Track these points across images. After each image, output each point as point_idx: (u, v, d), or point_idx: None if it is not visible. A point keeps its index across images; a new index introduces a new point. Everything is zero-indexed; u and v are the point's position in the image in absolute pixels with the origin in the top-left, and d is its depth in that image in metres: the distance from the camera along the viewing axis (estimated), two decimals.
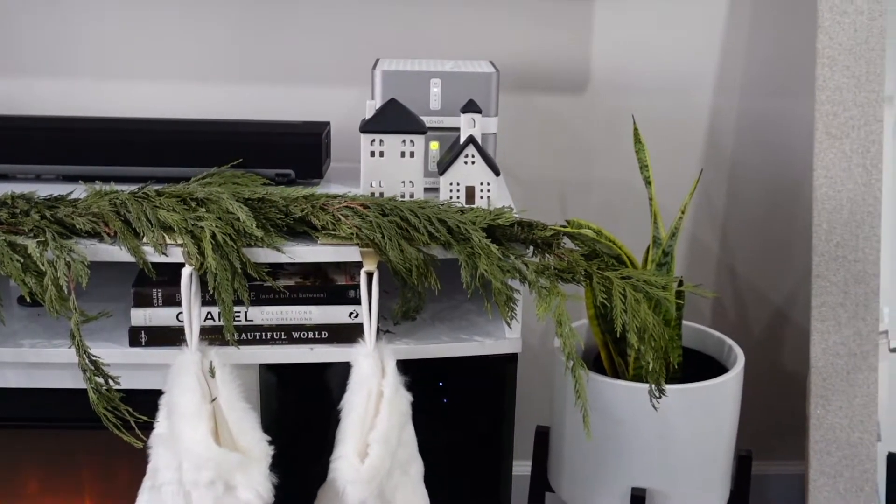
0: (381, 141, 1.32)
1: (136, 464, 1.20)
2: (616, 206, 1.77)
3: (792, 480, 1.85)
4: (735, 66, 1.73)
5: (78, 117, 1.62)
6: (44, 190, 1.32)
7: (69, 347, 1.18)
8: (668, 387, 1.33)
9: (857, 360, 1.58)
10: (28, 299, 1.18)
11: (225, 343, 1.25)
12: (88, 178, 1.38)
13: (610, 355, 1.49)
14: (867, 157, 1.56)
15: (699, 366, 1.54)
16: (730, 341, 1.55)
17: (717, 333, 1.59)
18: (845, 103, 1.55)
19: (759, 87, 1.74)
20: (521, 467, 1.56)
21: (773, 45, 1.72)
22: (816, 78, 1.55)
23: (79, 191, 1.32)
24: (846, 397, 1.59)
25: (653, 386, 1.30)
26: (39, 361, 1.26)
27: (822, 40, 1.55)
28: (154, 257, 1.21)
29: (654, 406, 1.32)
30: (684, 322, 1.55)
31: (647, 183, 1.47)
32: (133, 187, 1.30)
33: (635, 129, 1.48)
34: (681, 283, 1.49)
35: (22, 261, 1.17)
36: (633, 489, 1.42)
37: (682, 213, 1.45)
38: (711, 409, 1.44)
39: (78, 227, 1.22)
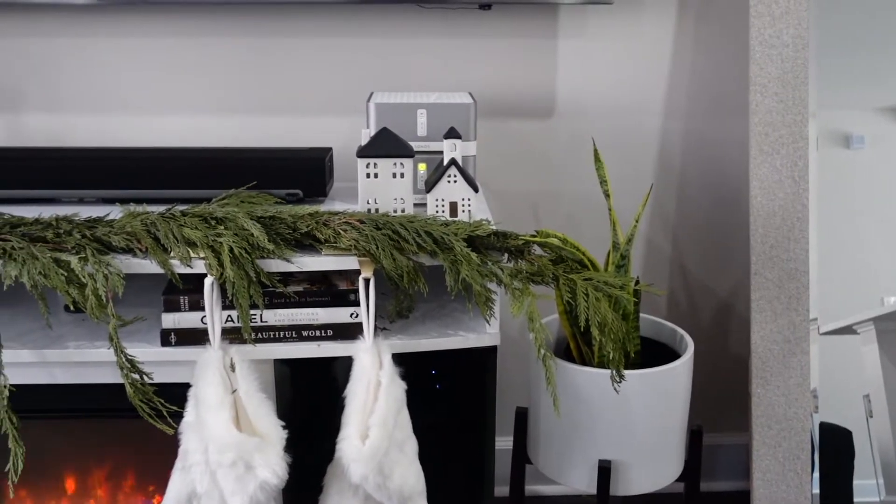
0: (375, 164, 1.33)
1: (169, 448, 1.21)
2: (580, 216, 1.77)
3: (738, 450, 1.86)
4: (680, 93, 1.74)
5: (114, 148, 1.62)
6: (86, 211, 1.32)
7: (108, 348, 1.19)
8: (627, 372, 1.34)
9: (792, 345, 1.59)
10: (72, 307, 1.18)
11: (243, 342, 1.25)
12: (124, 201, 1.38)
13: (578, 345, 1.50)
14: (795, 170, 1.57)
15: (655, 353, 1.54)
16: (681, 331, 1.56)
17: (669, 324, 1.59)
18: (775, 124, 1.56)
19: (701, 111, 1.75)
20: (504, 443, 1.57)
21: (712, 75, 1.74)
22: (750, 103, 1.57)
23: (115, 212, 1.32)
24: (782, 378, 1.60)
25: (613, 372, 1.31)
26: (83, 361, 1.26)
27: (754, 70, 1.56)
28: (180, 269, 1.22)
29: (615, 389, 1.33)
30: (642, 315, 1.56)
31: (606, 196, 1.48)
32: (161, 208, 1.30)
33: (595, 150, 1.49)
34: (637, 282, 1.50)
35: (66, 274, 1.17)
36: (600, 461, 1.43)
37: (637, 221, 1.47)
38: (666, 391, 1.45)
39: (114, 244, 1.23)
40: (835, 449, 1.60)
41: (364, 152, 1.33)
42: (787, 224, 1.58)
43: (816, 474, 1.60)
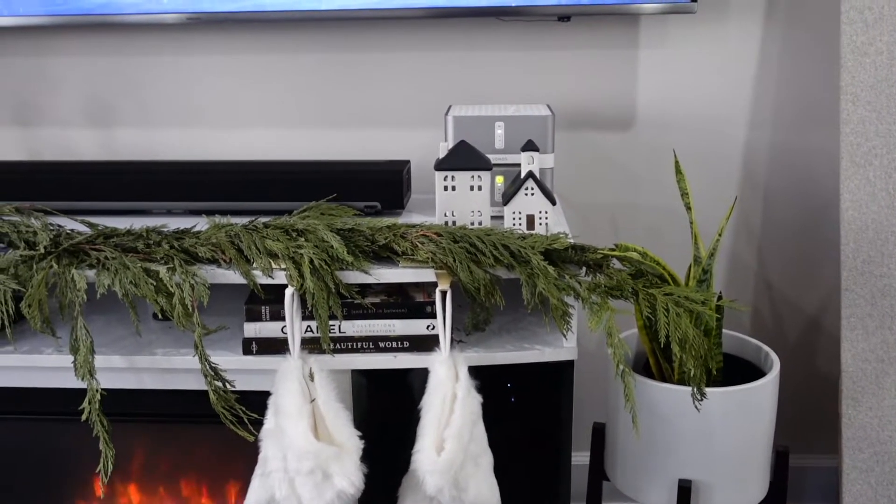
0: (452, 177, 1.34)
1: (248, 454, 1.23)
2: (661, 229, 1.74)
3: (827, 472, 1.79)
4: (766, 103, 1.70)
5: (200, 161, 1.68)
6: (174, 223, 1.37)
7: (193, 356, 1.22)
8: (709, 390, 1.30)
9: (885, 365, 1.53)
10: (160, 315, 1.23)
11: (322, 352, 1.27)
12: (209, 212, 1.42)
13: (658, 361, 1.47)
14: (890, 182, 1.51)
15: (739, 370, 1.50)
16: (766, 348, 1.51)
17: (754, 341, 1.55)
18: (868, 134, 1.50)
19: (788, 121, 1.70)
20: (581, 458, 1.55)
21: (801, 83, 1.68)
22: (841, 112, 1.51)
23: (201, 223, 1.36)
24: (875, 399, 1.53)
25: (694, 389, 1.28)
26: (170, 367, 1.29)
27: (846, 78, 1.50)
28: (262, 280, 1.24)
29: (696, 407, 1.30)
30: (726, 330, 1.52)
31: (688, 208, 1.46)
32: (245, 220, 1.33)
33: (676, 162, 1.46)
34: (720, 298, 1.46)
35: (155, 284, 1.21)
36: (680, 480, 1.39)
37: (719, 235, 1.43)
38: (750, 410, 1.40)
39: (200, 254, 1.26)
40: None
41: (442, 165, 1.34)
42: (881, 238, 1.51)
43: None
